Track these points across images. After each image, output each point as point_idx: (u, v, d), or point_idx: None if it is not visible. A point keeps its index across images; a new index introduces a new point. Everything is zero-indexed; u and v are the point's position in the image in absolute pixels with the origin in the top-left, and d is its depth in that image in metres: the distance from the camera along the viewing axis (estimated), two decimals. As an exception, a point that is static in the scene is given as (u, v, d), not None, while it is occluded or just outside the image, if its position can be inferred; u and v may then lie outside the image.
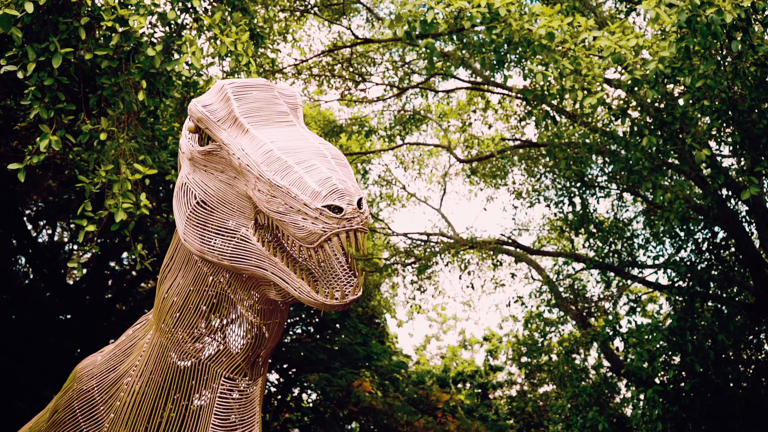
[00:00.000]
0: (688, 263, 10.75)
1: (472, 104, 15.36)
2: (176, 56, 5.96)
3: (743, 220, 10.92)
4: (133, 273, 16.11)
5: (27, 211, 14.08)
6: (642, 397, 9.49)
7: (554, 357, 14.01)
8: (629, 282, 13.61)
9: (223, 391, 2.95)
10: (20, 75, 4.97)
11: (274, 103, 2.64)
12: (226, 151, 2.56)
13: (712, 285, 10.44)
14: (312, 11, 12.58)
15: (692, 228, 11.27)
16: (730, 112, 7.43)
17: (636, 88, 7.26)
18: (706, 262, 10.67)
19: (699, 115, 7.48)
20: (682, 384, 9.64)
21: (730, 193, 10.47)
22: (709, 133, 7.43)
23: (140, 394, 3.03)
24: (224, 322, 2.93)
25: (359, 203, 2.29)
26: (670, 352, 9.84)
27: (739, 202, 10.72)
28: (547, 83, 7.05)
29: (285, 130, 2.55)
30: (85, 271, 14.47)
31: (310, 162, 2.35)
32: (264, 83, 2.69)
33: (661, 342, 9.36)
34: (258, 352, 2.95)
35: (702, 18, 5.64)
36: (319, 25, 14.08)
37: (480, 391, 24.94)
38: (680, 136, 8.09)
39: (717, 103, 7.22)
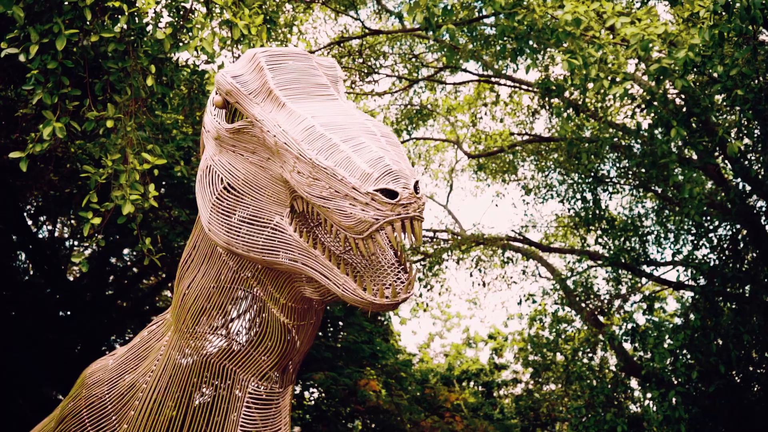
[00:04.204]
0: (709, 261, 10.45)
1: (480, 99, 15.09)
2: (186, 41, 5.65)
3: (763, 216, 10.63)
4: (134, 270, 15.87)
5: (27, 207, 13.80)
6: (662, 398, 9.20)
7: (566, 355, 13.72)
8: (644, 280, 13.33)
9: (250, 399, 2.63)
10: (22, 58, 4.66)
11: (312, 74, 2.31)
12: (259, 128, 2.23)
13: (734, 284, 10.13)
14: (319, 1, 12.29)
15: (709, 225, 10.98)
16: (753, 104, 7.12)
17: (662, 78, 6.96)
18: (726, 260, 10.37)
19: (728, 107, 7.17)
20: (699, 384, 9.36)
21: (749, 188, 10.18)
22: (739, 124, 7.12)
23: (157, 402, 2.71)
24: (252, 323, 2.60)
25: (415, 187, 1.99)
26: (685, 352, 9.56)
27: (759, 200, 10.43)
28: (571, 72, 6.74)
29: (326, 104, 2.23)
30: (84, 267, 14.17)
31: (358, 140, 2.03)
32: (301, 52, 2.36)
33: (683, 342, 9.06)
34: (289, 357, 2.62)
35: (742, 1, 5.34)
36: (325, 17, 13.81)
37: (485, 389, 24.67)
38: (705, 128, 7.79)
39: (745, 92, 6.91)
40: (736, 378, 9.50)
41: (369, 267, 2.17)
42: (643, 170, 11.41)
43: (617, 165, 12.49)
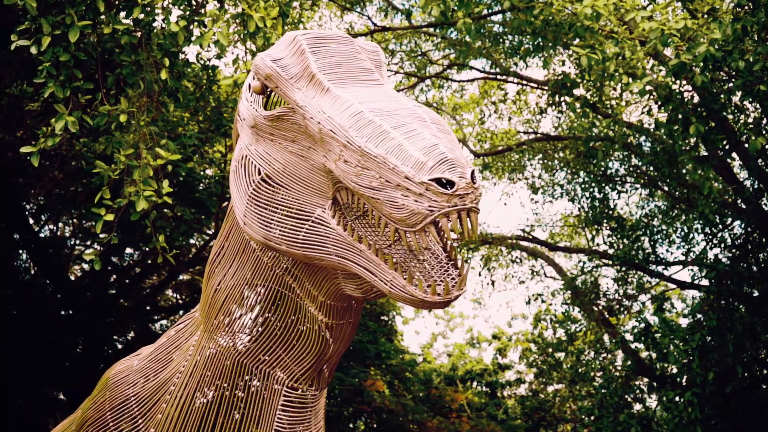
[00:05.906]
0: (725, 260, 10.32)
1: (486, 96, 14.98)
2: (198, 34, 5.52)
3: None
4: (136, 269, 15.74)
5: (29, 206, 13.66)
6: (676, 399, 9.07)
7: (575, 354, 13.59)
8: (654, 280, 13.20)
9: (284, 402, 2.50)
10: (34, 50, 4.53)
11: (356, 58, 2.18)
12: (300, 115, 2.09)
13: (747, 284, 10.01)
14: (325, -2, 12.17)
15: (720, 224, 10.86)
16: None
17: (680, 73, 6.83)
18: (739, 260, 10.25)
19: (749, 102, 7.04)
20: (713, 386, 9.25)
21: (760, 186, 10.06)
22: (759, 120, 7.00)
23: (187, 405, 2.56)
24: (286, 322, 2.46)
25: (472, 177, 1.86)
26: (690, 354, 9.44)
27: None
28: (589, 67, 6.62)
29: (373, 89, 2.09)
30: (86, 267, 14.08)
31: (409, 126, 1.89)
32: (342, 36, 2.23)
33: (698, 343, 8.93)
34: (325, 357, 2.49)
35: (769, -7, 5.23)
36: (331, 14, 13.68)
37: (488, 390, 24.53)
38: (722, 126, 7.67)
39: (767, 87, 6.78)
40: (747, 379, 9.39)
41: (417, 262, 2.04)
42: (652, 168, 11.29)
43: (627, 163, 12.38)
